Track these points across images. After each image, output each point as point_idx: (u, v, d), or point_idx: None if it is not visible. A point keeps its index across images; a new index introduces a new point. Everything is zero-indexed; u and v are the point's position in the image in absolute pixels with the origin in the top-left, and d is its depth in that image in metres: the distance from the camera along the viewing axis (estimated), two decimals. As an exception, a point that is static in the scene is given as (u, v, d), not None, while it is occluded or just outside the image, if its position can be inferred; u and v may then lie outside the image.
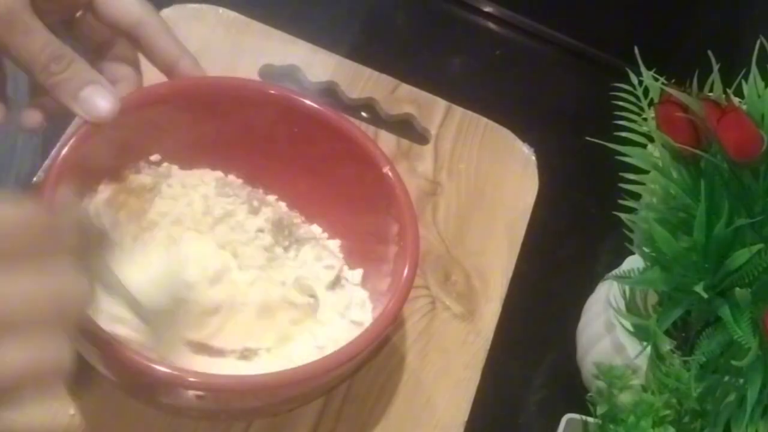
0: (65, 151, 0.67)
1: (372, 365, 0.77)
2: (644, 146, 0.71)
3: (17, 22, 0.65)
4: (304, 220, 0.78)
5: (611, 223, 0.72)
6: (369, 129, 0.89)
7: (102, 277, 0.61)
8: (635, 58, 0.71)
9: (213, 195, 0.75)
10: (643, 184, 0.71)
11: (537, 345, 0.85)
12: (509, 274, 0.85)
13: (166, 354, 0.65)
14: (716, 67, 0.67)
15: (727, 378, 0.67)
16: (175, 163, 0.75)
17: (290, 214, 0.77)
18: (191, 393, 0.61)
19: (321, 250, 0.76)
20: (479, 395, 0.78)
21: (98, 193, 0.71)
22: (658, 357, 0.68)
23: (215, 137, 0.76)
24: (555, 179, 0.92)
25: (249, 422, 0.72)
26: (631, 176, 0.71)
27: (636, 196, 0.72)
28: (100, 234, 0.59)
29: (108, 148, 0.71)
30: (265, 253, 0.73)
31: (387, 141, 0.89)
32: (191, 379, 0.61)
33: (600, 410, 0.68)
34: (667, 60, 0.73)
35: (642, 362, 0.70)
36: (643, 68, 0.70)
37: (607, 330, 0.78)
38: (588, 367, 0.80)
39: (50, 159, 0.68)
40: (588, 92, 1.00)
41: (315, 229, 0.78)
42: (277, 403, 0.69)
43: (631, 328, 0.71)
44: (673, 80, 0.68)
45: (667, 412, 0.66)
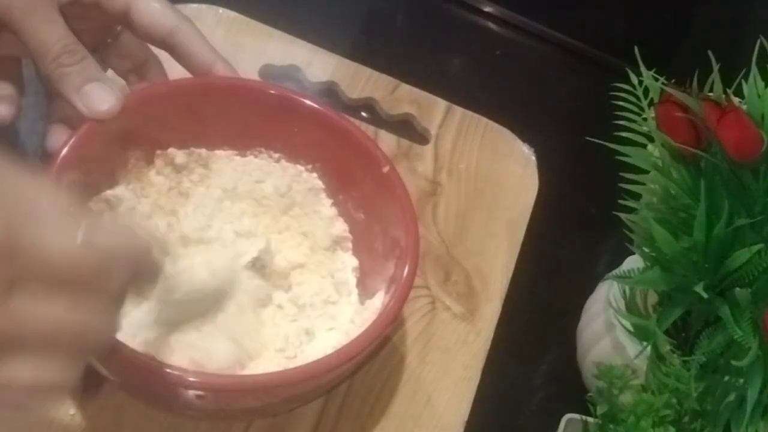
0: (66, 150, 0.67)
1: (372, 365, 0.77)
2: (644, 146, 0.71)
3: (41, 9, 0.67)
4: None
5: (611, 223, 0.72)
6: (369, 129, 0.89)
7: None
8: (635, 58, 0.71)
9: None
10: (643, 184, 0.71)
11: (537, 345, 0.85)
12: (509, 274, 0.85)
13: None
14: (716, 67, 0.67)
15: (727, 378, 0.67)
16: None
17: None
18: (191, 392, 0.61)
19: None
20: (479, 395, 0.78)
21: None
22: (658, 357, 0.68)
23: (214, 137, 0.76)
24: (555, 179, 0.92)
25: (249, 422, 0.72)
26: (631, 176, 0.71)
27: (636, 196, 0.71)
28: (155, 269, 0.58)
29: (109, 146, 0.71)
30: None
31: (387, 141, 0.89)
32: (191, 379, 0.61)
33: (600, 410, 0.68)
34: (667, 60, 0.73)
35: (642, 362, 0.70)
36: (643, 68, 0.70)
37: (607, 330, 0.78)
38: (588, 367, 0.80)
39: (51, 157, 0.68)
40: (588, 92, 1.00)
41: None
42: (277, 403, 0.69)
43: (631, 328, 0.71)
44: (673, 80, 0.68)
45: (667, 412, 0.66)
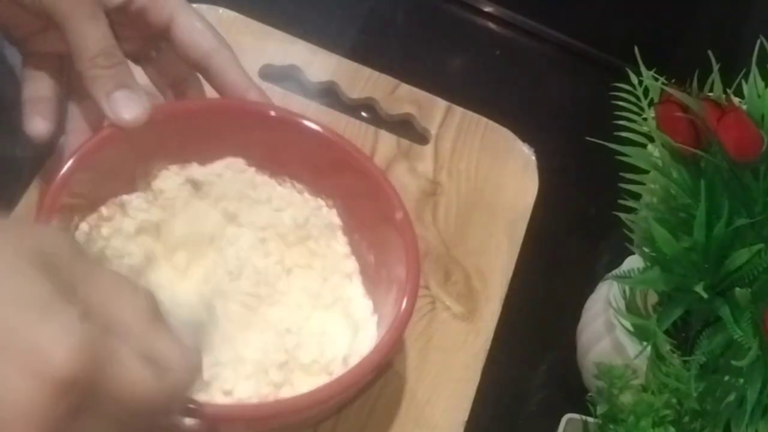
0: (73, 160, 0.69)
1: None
2: (644, 146, 0.71)
3: (88, 6, 0.67)
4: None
5: (611, 223, 0.72)
6: (369, 129, 0.89)
7: None
8: (635, 58, 0.71)
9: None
10: (643, 184, 0.71)
11: (537, 345, 0.85)
12: (509, 274, 0.85)
13: None
14: (716, 67, 0.67)
15: (727, 378, 0.67)
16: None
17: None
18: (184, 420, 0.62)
19: None
20: (479, 395, 0.78)
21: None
22: (658, 357, 0.68)
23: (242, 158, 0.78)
24: (555, 179, 0.92)
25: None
26: (631, 176, 0.71)
27: (636, 196, 0.71)
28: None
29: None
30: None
31: (387, 141, 0.89)
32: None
33: (600, 410, 0.68)
34: (667, 60, 0.73)
35: (642, 362, 0.70)
36: (643, 68, 0.70)
37: (607, 330, 0.79)
38: (588, 367, 0.80)
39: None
40: (588, 92, 1.00)
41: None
42: None
43: (631, 328, 0.71)
44: (673, 80, 0.68)
45: (667, 412, 0.66)
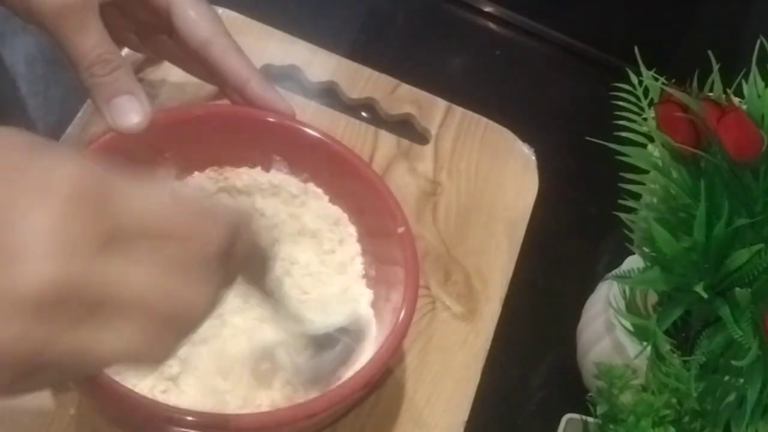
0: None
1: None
2: (644, 146, 0.71)
3: (73, 17, 0.66)
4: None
5: (611, 223, 0.72)
6: (369, 129, 0.89)
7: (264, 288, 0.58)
8: (635, 58, 0.71)
9: None
10: (643, 184, 0.71)
11: (537, 345, 0.85)
12: (509, 274, 0.85)
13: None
14: (716, 67, 0.67)
15: (727, 378, 0.67)
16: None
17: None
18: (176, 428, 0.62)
19: None
20: (479, 395, 0.78)
21: None
22: (658, 357, 0.68)
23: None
24: (555, 179, 0.92)
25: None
26: (631, 176, 0.71)
27: (636, 196, 0.71)
28: (262, 251, 0.53)
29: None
30: None
31: (387, 141, 0.89)
32: (189, 418, 0.61)
33: (600, 410, 0.68)
34: (667, 60, 0.73)
35: (642, 362, 0.70)
36: (643, 68, 0.70)
37: (607, 330, 0.78)
38: (588, 367, 0.80)
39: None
40: (588, 92, 1.00)
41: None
42: None
43: (631, 328, 0.71)
44: (673, 80, 0.68)
45: (667, 412, 0.66)
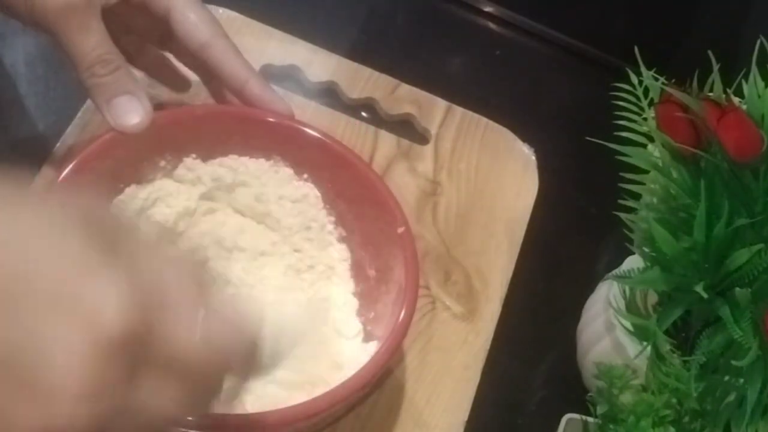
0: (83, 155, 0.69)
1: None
2: (644, 146, 0.71)
3: (75, 17, 0.66)
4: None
5: (611, 223, 0.72)
6: (369, 129, 0.89)
7: None
8: (635, 58, 0.71)
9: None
10: (643, 184, 0.71)
11: (537, 345, 0.85)
12: (509, 274, 0.85)
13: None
14: (716, 67, 0.67)
15: (727, 378, 0.67)
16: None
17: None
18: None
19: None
20: (479, 395, 0.78)
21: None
22: (658, 357, 0.68)
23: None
24: (555, 179, 0.92)
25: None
26: (631, 176, 0.71)
27: (636, 196, 0.71)
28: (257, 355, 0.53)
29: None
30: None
31: (387, 141, 0.89)
32: (189, 418, 0.60)
33: (600, 410, 0.68)
34: (668, 60, 0.72)
35: (642, 362, 0.70)
36: (643, 68, 0.70)
37: (607, 330, 0.78)
38: (588, 367, 0.80)
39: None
40: (588, 92, 1.00)
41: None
42: None
43: (631, 328, 0.71)
44: (673, 80, 0.68)
45: (667, 412, 0.66)
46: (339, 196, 0.77)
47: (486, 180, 0.90)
